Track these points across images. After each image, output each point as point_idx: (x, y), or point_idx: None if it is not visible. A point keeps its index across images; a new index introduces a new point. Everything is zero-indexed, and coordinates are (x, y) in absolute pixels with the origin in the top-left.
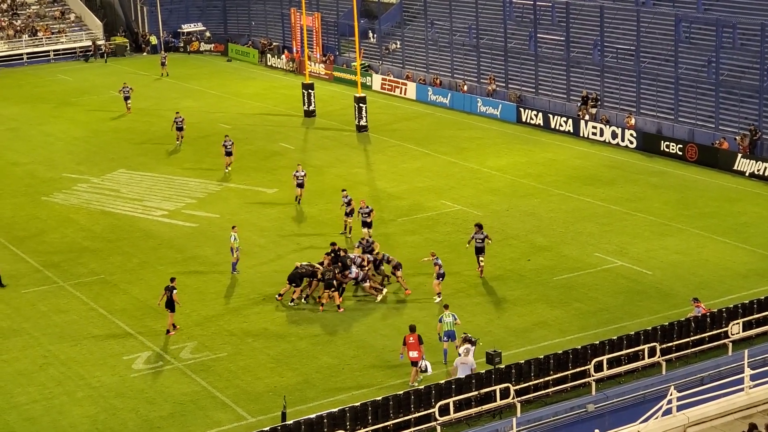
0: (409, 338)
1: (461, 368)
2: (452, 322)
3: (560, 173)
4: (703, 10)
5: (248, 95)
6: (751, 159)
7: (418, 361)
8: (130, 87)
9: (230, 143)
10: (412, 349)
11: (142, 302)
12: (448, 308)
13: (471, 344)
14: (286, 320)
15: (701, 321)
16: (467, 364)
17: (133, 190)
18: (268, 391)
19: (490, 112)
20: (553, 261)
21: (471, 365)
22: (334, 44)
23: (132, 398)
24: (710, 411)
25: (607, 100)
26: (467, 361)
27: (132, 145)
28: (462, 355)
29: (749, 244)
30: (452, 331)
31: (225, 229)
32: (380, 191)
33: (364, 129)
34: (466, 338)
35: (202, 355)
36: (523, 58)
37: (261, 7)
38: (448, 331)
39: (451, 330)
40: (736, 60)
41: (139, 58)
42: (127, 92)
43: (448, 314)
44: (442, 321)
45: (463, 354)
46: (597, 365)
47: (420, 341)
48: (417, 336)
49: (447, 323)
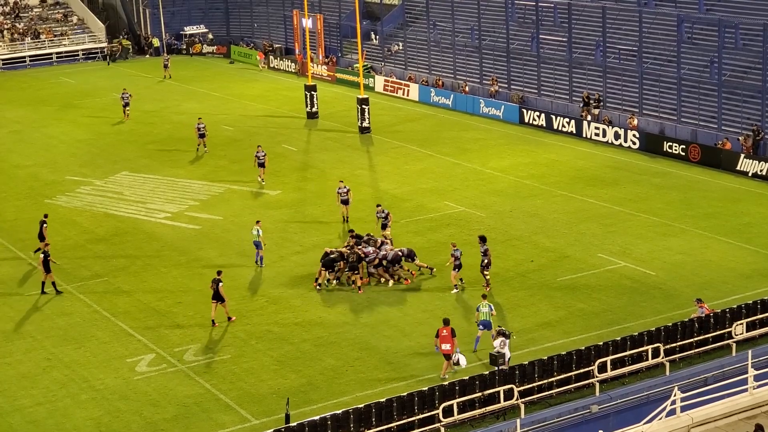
0: (443, 331)
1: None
2: (488, 312)
3: (563, 174)
4: (705, 10)
5: (251, 97)
6: (754, 159)
7: (451, 354)
8: (129, 93)
9: (263, 154)
10: (445, 341)
11: (146, 304)
12: (485, 298)
13: (505, 337)
14: (289, 322)
15: (705, 321)
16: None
17: (136, 192)
18: (272, 393)
19: (493, 113)
20: (556, 262)
21: (506, 358)
22: (337, 46)
23: (136, 401)
24: (714, 412)
25: (610, 100)
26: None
27: (135, 148)
28: (498, 348)
29: (752, 244)
30: (488, 321)
31: (228, 231)
32: (383, 193)
33: (366, 130)
34: (501, 331)
35: (205, 357)
36: (526, 59)
37: (263, 9)
38: (483, 320)
39: (487, 320)
40: (738, 60)
41: (142, 60)
42: (126, 99)
43: (485, 304)
44: (479, 310)
45: (498, 347)
46: (601, 366)
47: (453, 334)
48: (450, 329)
49: (483, 313)
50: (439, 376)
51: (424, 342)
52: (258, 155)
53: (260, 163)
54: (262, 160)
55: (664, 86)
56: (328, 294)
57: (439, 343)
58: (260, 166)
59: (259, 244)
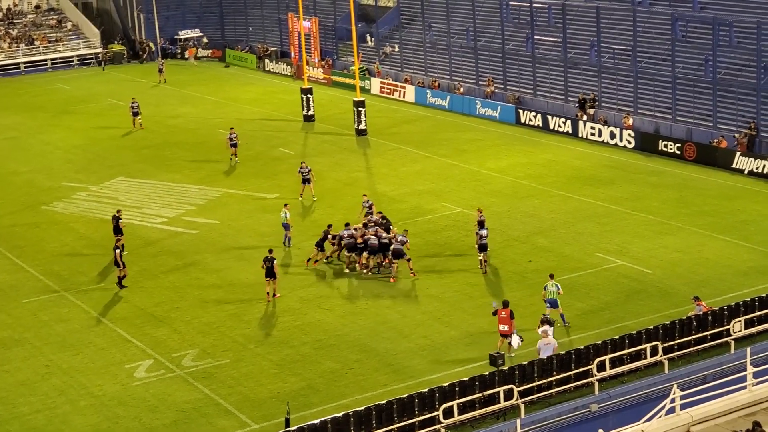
0: (501, 312)
1: (544, 349)
2: (555, 291)
3: (560, 174)
4: (699, 8)
5: (247, 100)
6: (750, 157)
7: (508, 334)
8: (138, 102)
9: (235, 135)
10: (503, 323)
11: (143, 310)
12: (553, 278)
13: (549, 325)
14: (288, 325)
15: (703, 319)
16: (550, 345)
17: (132, 197)
18: (272, 397)
19: (489, 114)
20: (554, 262)
21: (553, 345)
22: (332, 48)
23: (134, 407)
24: (714, 409)
25: (605, 100)
26: (550, 341)
27: (130, 153)
28: (542, 337)
29: (749, 241)
30: (555, 299)
31: (226, 236)
32: (381, 195)
33: (363, 133)
34: (545, 319)
35: (204, 362)
36: (521, 59)
37: (258, 13)
38: (550, 299)
39: (553, 298)
40: (732, 58)
41: (137, 65)
42: (135, 108)
43: (552, 283)
44: (546, 289)
45: (543, 334)
46: (599, 365)
47: (511, 316)
48: (509, 311)
49: (551, 292)
50: (506, 352)
51: (423, 343)
52: (231, 137)
53: (232, 144)
54: (234, 141)
55: (658, 85)
56: (327, 296)
57: (498, 323)
58: (232, 146)
59: (288, 225)
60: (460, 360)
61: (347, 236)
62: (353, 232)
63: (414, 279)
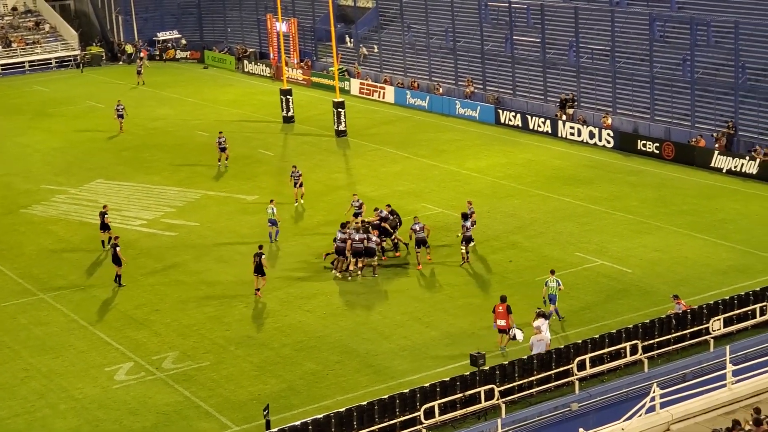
0: (498, 307)
1: (536, 345)
2: (556, 287)
3: (539, 174)
4: (677, 8)
5: (226, 102)
6: (728, 156)
7: (506, 330)
8: (123, 105)
9: (223, 139)
10: (500, 318)
11: (123, 312)
12: (554, 273)
13: (545, 318)
14: (268, 327)
15: (682, 318)
16: (543, 341)
17: (111, 199)
18: (252, 399)
19: (469, 114)
20: (534, 261)
21: (546, 341)
22: (311, 49)
23: (115, 409)
24: (693, 408)
25: (584, 100)
26: (543, 337)
27: (109, 155)
28: (536, 332)
29: (728, 240)
30: (554, 295)
31: (205, 238)
32: (361, 196)
33: (343, 134)
34: (540, 313)
35: (184, 364)
36: (500, 60)
37: (237, 14)
38: (551, 294)
39: (554, 294)
40: (710, 58)
41: (115, 67)
42: (120, 111)
43: (553, 279)
44: (547, 285)
45: (536, 330)
46: (580, 364)
47: (509, 311)
48: (506, 306)
49: (551, 288)
50: (499, 348)
51: (404, 344)
52: (219, 140)
53: (221, 148)
54: (223, 145)
55: (637, 85)
56: (308, 298)
57: (495, 319)
58: (221, 150)
59: (275, 221)
60: (440, 360)
61: (339, 239)
62: (344, 236)
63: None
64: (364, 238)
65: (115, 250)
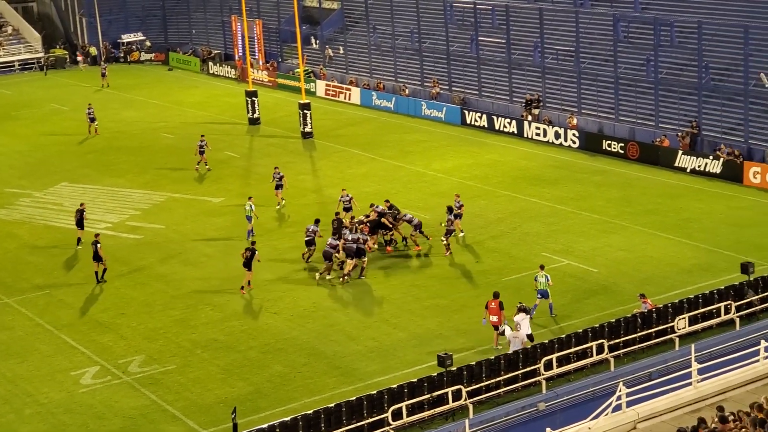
0: (491, 303)
1: (513, 342)
2: (546, 282)
3: (506, 174)
4: (641, 9)
5: (191, 104)
6: (692, 155)
7: (498, 326)
8: (93, 108)
9: (204, 143)
10: (493, 313)
11: (89, 316)
12: (543, 269)
13: (526, 313)
14: (235, 330)
15: (647, 317)
16: (518, 338)
17: (76, 203)
18: (219, 402)
19: (435, 115)
20: (501, 262)
21: (521, 338)
22: (277, 51)
23: (81, 414)
24: (659, 406)
25: (549, 100)
26: (518, 335)
27: (74, 158)
28: (516, 327)
29: (692, 239)
30: (545, 290)
31: (171, 240)
32: (327, 197)
33: (309, 135)
34: (521, 308)
35: (150, 368)
36: (466, 60)
37: (201, 16)
38: (541, 289)
39: (544, 289)
40: (674, 58)
41: (79, 69)
42: (92, 114)
43: (543, 274)
44: (537, 280)
45: (517, 325)
46: (546, 364)
47: (501, 307)
48: (499, 302)
49: (541, 283)
50: (492, 347)
51: (372, 345)
52: (200, 144)
53: (200, 151)
54: (202, 149)
55: (601, 85)
56: (275, 300)
57: (488, 315)
58: (200, 153)
59: (251, 218)
60: (408, 361)
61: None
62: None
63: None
64: (356, 238)
65: (96, 248)
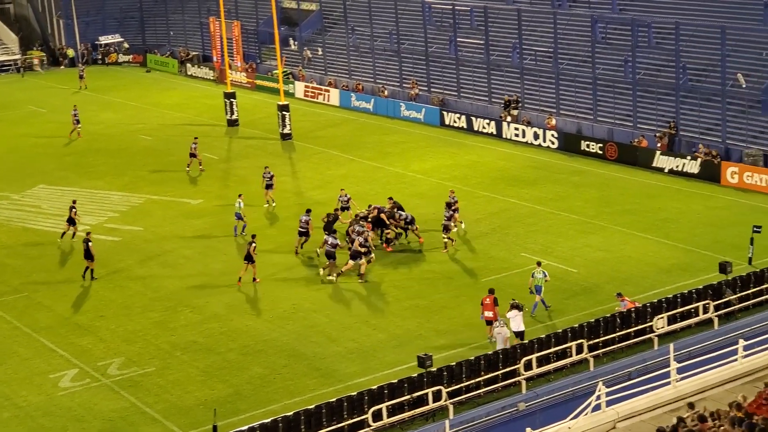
0: (486, 299)
1: (499, 338)
2: (542, 279)
3: (485, 175)
4: (619, 10)
5: (169, 106)
6: (670, 156)
7: (493, 321)
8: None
9: (195, 146)
10: (487, 309)
11: (67, 319)
12: (540, 265)
13: (518, 309)
14: (215, 332)
15: (626, 316)
16: (501, 335)
17: (54, 205)
18: (199, 404)
19: (414, 116)
20: (480, 262)
21: (504, 335)
22: (255, 52)
23: (60, 417)
24: (639, 405)
25: (528, 101)
26: (501, 331)
27: (52, 160)
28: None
29: (670, 239)
30: (540, 286)
31: (149, 242)
32: (307, 199)
33: (288, 137)
34: (514, 304)
35: (129, 370)
36: (444, 62)
37: (179, 17)
38: (537, 285)
39: (540, 285)
40: (651, 59)
41: (57, 71)
42: (77, 116)
43: (540, 271)
44: (534, 276)
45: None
46: (526, 364)
47: (495, 303)
48: (493, 298)
49: (537, 279)
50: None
51: (352, 347)
52: (192, 146)
53: (192, 154)
54: (193, 151)
55: (580, 86)
56: (254, 301)
57: (483, 310)
58: (192, 156)
59: (240, 215)
60: (388, 362)
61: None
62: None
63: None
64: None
65: (87, 246)
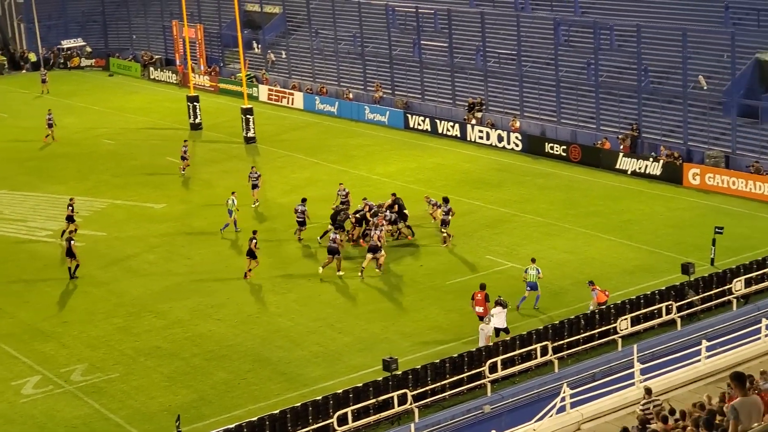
0: (477, 295)
1: (481, 335)
2: (536, 275)
3: (449, 178)
4: (581, 13)
5: (132, 109)
6: (632, 157)
7: (484, 316)
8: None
9: (185, 149)
10: (478, 305)
11: (30, 325)
12: (534, 262)
13: (503, 307)
14: (178, 337)
15: (590, 318)
16: (483, 331)
17: (15, 210)
18: (163, 410)
19: (378, 119)
20: (445, 265)
21: (486, 333)
22: (219, 56)
23: (22, 424)
24: (603, 407)
25: (492, 104)
26: (483, 327)
27: (14, 165)
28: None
29: (633, 240)
30: (535, 282)
31: (112, 247)
32: (271, 202)
33: (252, 140)
34: (498, 301)
35: (93, 376)
36: (408, 64)
37: (142, 21)
38: (530, 282)
39: (533, 282)
40: (614, 61)
41: (18, 75)
42: (50, 120)
43: (533, 267)
44: (527, 272)
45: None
46: (491, 366)
47: (486, 299)
48: (484, 294)
49: (531, 275)
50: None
51: (317, 350)
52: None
53: (183, 157)
54: (183, 154)
55: (543, 89)
56: (219, 306)
57: (473, 305)
58: (182, 159)
59: (231, 212)
60: (353, 366)
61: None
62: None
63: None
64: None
65: (69, 244)
